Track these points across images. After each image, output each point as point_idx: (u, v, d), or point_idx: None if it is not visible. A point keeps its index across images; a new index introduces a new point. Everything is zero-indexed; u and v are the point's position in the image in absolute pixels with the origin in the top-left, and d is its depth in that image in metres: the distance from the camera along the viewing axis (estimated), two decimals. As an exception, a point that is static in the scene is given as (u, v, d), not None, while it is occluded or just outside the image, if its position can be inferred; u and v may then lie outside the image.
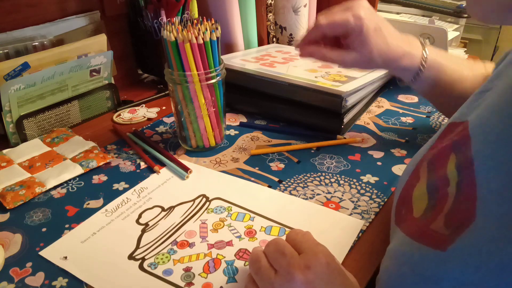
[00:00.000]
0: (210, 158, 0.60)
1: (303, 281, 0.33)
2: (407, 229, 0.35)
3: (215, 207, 0.50)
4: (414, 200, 0.37)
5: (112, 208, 0.51)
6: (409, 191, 0.39)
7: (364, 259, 0.43)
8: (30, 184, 0.53)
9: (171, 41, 0.53)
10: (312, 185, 0.54)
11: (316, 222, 0.48)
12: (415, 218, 0.35)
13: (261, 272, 0.35)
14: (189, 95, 0.57)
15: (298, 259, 0.34)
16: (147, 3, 0.78)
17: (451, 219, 0.31)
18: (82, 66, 0.68)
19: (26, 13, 0.67)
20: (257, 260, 0.36)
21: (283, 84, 0.68)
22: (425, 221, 0.33)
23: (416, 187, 0.38)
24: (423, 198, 0.36)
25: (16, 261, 0.43)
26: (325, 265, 0.34)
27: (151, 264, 0.42)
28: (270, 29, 0.99)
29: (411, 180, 0.39)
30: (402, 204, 0.39)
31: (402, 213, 0.38)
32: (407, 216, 0.37)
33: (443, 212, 0.32)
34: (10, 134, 0.64)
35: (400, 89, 0.82)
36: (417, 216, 0.35)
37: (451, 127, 0.38)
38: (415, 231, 0.33)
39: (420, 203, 0.36)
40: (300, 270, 0.33)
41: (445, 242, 0.30)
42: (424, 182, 0.37)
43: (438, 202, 0.33)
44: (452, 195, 0.32)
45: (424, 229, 0.32)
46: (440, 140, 0.39)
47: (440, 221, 0.31)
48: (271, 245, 0.37)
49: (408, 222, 0.36)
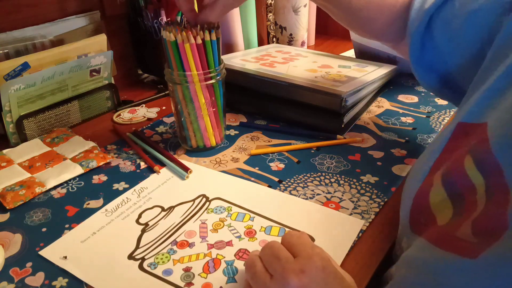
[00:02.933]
0: (210, 158, 0.60)
1: (298, 285, 0.32)
2: (430, 236, 0.34)
3: (215, 207, 0.50)
4: (434, 208, 0.36)
5: (112, 208, 0.51)
6: (424, 198, 0.37)
7: (364, 259, 0.43)
8: (30, 184, 0.53)
9: (171, 41, 0.53)
10: (312, 185, 0.54)
11: (316, 222, 0.48)
12: (440, 226, 0.34)
13: (256, 277, 0.35)
14: (189, 95, 0.57)
15: (293, 263, 0.34)
16: (147, 3, 0.78)
17: (479, 227, 0.29)
18: (82, 66, 0.68)
19: (26, 13, 0.67)
20: (252, 265, 0.36)
21: (283, 84, 0.68)
22: (449, 229, 0.32)
23: (431, 193, 0.36)
24: (447, 206, 0.34)
25: (16, 261, 0.43)
26: (321, 268, 0.34)
27: (151, 264, 0.42)
28: (270, 29, 0.99)
29: (425, 186, 0.38)
30: (419, 213, 0.38)
31: (421, 222, 0.37)
32: (430, 224, 0.35)
33: (470, 219, 0.30)
34: (10, 134, 0.64)
35: (400, 89, 0.82)
36: (442, 224, 0.34)
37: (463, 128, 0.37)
38: (438, 238, 0.32)
39: (443, 211, 0.34)
40: (295, 274, 0.33)
41: (474, 250, 0.28)
42: (441, 189, 0.35)
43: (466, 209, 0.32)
44: (482, 202, 0.30)
45: (449, 236, 0.31)
46: (452, 142, 0.37)
47: (467, 228, 0.30)
48: (266, 249, 0.36)
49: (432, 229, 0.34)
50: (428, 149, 0.42)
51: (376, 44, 0.85)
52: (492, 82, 0.36)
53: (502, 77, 0.35)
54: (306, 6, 1.00)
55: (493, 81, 0.36)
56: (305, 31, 1.03)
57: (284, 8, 0.99)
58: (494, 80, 0.36)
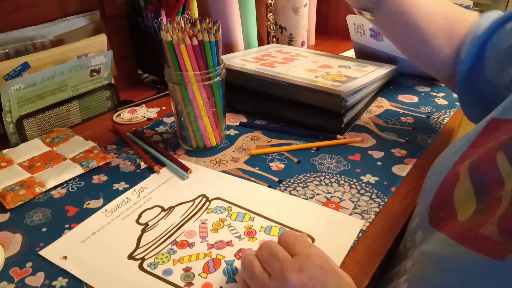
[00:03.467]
0: (210, 158, 0.60)
1: (298, 283, 0.33)
2: (451, 232, 0.33)
3: (215, 207, 0.50)
4: (457, 203, 0.35)
5: (112, 208, 0.51)
6: (448, 192, 0.37)
7: (364, 259, 0.43)
8: (30, 184, 0.53)
9: (168, 41, 0.53)
10: (312, 185, 0.54)
11: (316, 222, 0.48)
12: (460, 222, 0.33)
13: (255, 277, 0.35)
14: (188, 95, 0.57)
15: (292, 262, 0.34)
16: (147, 3, 0.78)
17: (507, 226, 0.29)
18: (82, 66, 0.68)
19: (26, 13, 0.67)
20: (250, 265, 0.36)
21: (283, 84, 0.68)
22: (471, 225, 0.31)
23: (457, 188, 0.36)
24: (470, 201, 0.34)
25: (16, 261, 0.43)
26: (319, 267, 0.34)
27: (151, 264, 0.42)
28: (270, 29, 0.99)
29: (449, 180, 0.37)
30: (440, 206, 0.37)
31: (441, 216, 0.36)
32: (450, 219, 0.35)
33: (495, 217, 0.30)
34: (10, 134, 0.64)
35: (400, 89, 0.82)
36: (462, 220, 0.33)
37: (495, 124, 0.36)
38: (459, 234, 0.32)
39: (466, 206, 0.34)
40: (294, 272, 0.33)
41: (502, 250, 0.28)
42: (468, 183, 0.35)
43: (489, 205, 0.31)
44: (507, 199, 0.30)
45: (472, 233, 0.31)
46: (481, 137, 0.37)
47: (492, 226, 0.29)
48: (264, 249, 0.37)
49: (452, 225, 0.34)
50: (455, 142, 0.41)
51: (376, 44, 0.85)
52: None
53: None
54: (306, 6, 1.00)
55: None
56: (305, 31, 1.03)
57: (284, 8, 0.99)
58: None
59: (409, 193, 0.53)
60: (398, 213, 0.49)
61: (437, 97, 0.78)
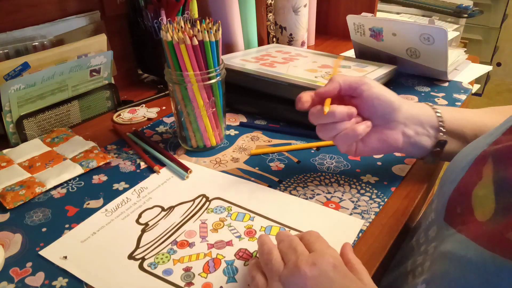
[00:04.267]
0: (210, 158, 0.60)
1: (308, 276, 0.34)
2: (471, 233, 0.33)
3: (215, 207, 0.50)
4: (476, 200, 0.35)
5: (112, 208, 0.51)
6: (468, 188, 0.36)
7: (364, 259, 0.43)
8: (30, 184, 0.53)
9: (168, 41, 0.53)
10: (312, 185, 0.54)
11: (316, 222, 0.48)
12: (479, 222, 0.33)
13: (271, 263, 0.37)
14: (188, 95, 0.57)
15: (307, 256, 0.36)
16: (147, 3, 0.78)
17: None
18: (82, 66, 0.68)
19: (26, 13, 0.67)
20: (269, 252, 0.38)
21: (283, 84, 0.68)
22: (496, 228, 0.31)
23: (478, 186, 0.35)
24: (489, 200, 0.33)
25: (16, 261, 0.43)
26: (332, 265, 0.35)
27: (151, 264, 0.42)
28: (270, 29, 0.99)
29: (471, 175, 0.37)
30: (457, 201, 0.37)
31: (457, 211, 0.36)
32: (467, 217, 0.34)
33: None
34: (10, 134, 0.64)
35: (400, 89, 0.82)
36: (482, 220, 0.33)
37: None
38: (484, 238, 0.31)
39: (485, 205, 0.33)
40: (307, 265, 0.34)
41: None
42: (490, 182, 0.34)
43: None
44: None
45: (498, 238, 0.30)
46: (506, 136, 0.36)
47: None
48: (286, 241, 0.38)
49: (471, 225, 0.34)
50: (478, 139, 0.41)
51: (376, 44, 0.85)
52: None
53: None
54: (306, 6, 1.00)
55: None
56: (305, 31, 1.03)
57: (284, 8, 0.99)
58: None
59: (409, 193, 0.53)
60: (398, 213, 0.49)
61: (437, 97, 0.78)
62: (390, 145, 0.50)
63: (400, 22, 0.80)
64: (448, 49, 0.77)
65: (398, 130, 0.49)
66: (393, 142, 0.50)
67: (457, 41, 1.09)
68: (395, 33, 0.80)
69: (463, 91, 0.81)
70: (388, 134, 0.49)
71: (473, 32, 2.60)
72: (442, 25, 1.07)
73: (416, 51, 0.80)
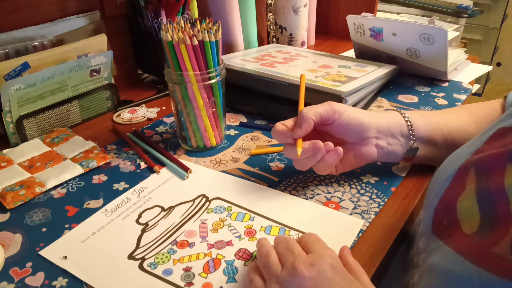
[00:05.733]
0: (210, 158, 0.60)
1: (306, 277, 0.34)
2: (457, 246, 0.33)
3: (215, 207, 0.50)
4: (461, 213, 0.35)
5: (112, 208, 0.51)
6: (452, 199, 0.36)
7: (364, 259, 0.43)
8: (30, 184, 0.53)
9: (168, 41, 0.53)
10: (312, 185, 0.54)
11: (316, 222, 0.48)
12: (466, 235, 0.33)
13: (269, 266, 0.37)
14: (188, 95, 0.57)
15: (305, 257, 0.36)
16: (147, 3, 0.78)
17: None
18: (82, 66, 0.68)
19: (26, 13, 0.67)
20: (267, 254, 0.38)
21: (283, 84, 0.68)
22: (482, 242, 0.31)
23: (462, 197, 0.35)
24: (474, 212, 0.33)
25: (16, 261, 0.43)
26: (330, 266, 0.35)
27: (151, 264, 0.42)
28: (270, 29, 0.99)
29: (454, 186, 0.37)
30: (443, 213, 0.37)
31: (443, 224, 0.36)
32: (454, 230, 0.34)
33: (509, 236, 0.29)
34: (10, 134, 0.64)
35: (400, 89, 0.82)
36: (469, 233, 0.33)
37: (504, 132, 0.36)
38: (470, 252, 0.31)
39: (470, 217, 0.33)
40: (304, 266, 0.34)
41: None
42: (473, 193, 0.34)
43: (498, 220, 0.31)
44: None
45: (483, 252, 0.30)
46: (488, 144, 0.36)
47: (505, 246, 0.29)
48: (282, 243, 0.38)
49: (457, 237, 0.34)
50: (460, 148, 0.41)
51: (376, 44, 0.85)
52: None
53: None
54: (306, 6, 1.00)
55: None
56: (305, 31, 1.03)
57: (284, 8, 0.99)
58: None
59: (409, 193, 0.53)
60: (398, 213, 0.49)
61: (437, 97, 0.78)
62: (366, 158, 0.52)
63: (400, 22, 0.80)
64: (448, 49, 0.77)
65: (371, 145, 0.52)
66: (369, 156, 0.52)
67: (457, 41, 1.09)
68: (395, 33, 0.80)
69: (463, 91, 0.81)
70: (363, 150, 0.52)
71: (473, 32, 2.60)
72: (442, 25, 1.07)
73: (416, 51, 0.80)
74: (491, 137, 0.37)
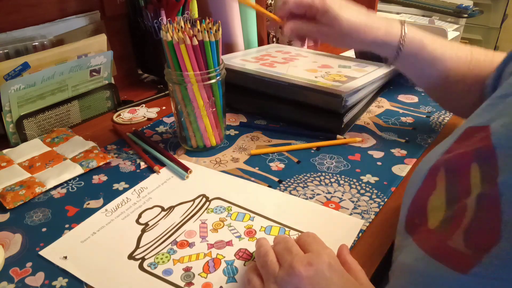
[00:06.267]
0: (210, 158, 0.60)
1: (303, 276, 0.34)
2: (423, 243, 0.33)
3: (215, 207, 0.50)
4: (430, 210, 0.35)
5: (112, 208, 0.51)
6: (423, 198, 0.37)
7: (364, 259, 0.43)
8: (30, 184, 0.53)
9: (168, 41, 0.53)
10: (312, 185, 0.54)
11: (316, 222, 0.48)
12: (430, 230, 0.34)
13: (267, 265, 0.37)
14: (188, 95, 0.57)
15: (302, 257, 0.36)
16: (147, 3, 0.78)
17: (472, 238, 0.29)
18: (82, 66, 0.68)
19: (26, 13, 0.67)
20: (265, 254, 0.38)
21: (283, 84, 0.68)
22: (441, 236, 0.32)
23: (433, 196, 0.36)
24: (441, 209, 0.34)
25: (16, 261, 0.43)
26: (327, 264, 0.35)
27: (151, 264, 0.42)
28: (270, 29, 0.99)
29: (426, 186, 0.38)
30: (415, 212, 0.38)
31: (415, 222, 0.37)
32: (422, 226, 0.35)
33: (461, 227, 0.30)
34: (10, 134, 0.64)
35: (400, 89, 0.82)
36: (432, 228, 0.34)
37: (470, 132, 0.37)
38: (431, 246, 0.32)
39: (437, 214, 0.34)
40: (302, 265, 0.34)
41: (466, 264, 0.28)
42: (443, 192, 0.35)
43: (455, 214, 0.31)
44: (472, 208, 0.30)
45: (441, 245, 0.31)
46: (457, 144, 0.37)
47: (459, 238, 0.29)
48: (281, 243, 0.38)
49: (423, 234, 0.34)
50: (434, 149, 0.42)
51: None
52: (500, 89, 0.37)
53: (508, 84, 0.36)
54: (306, 6, 1.00)
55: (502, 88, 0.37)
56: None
57: (284, 8, 0.98)
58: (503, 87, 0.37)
59: (409, 193, 0.53)
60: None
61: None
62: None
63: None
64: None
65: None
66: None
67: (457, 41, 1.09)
68: (395, 33, 0.80)
69: (463, 91, 0.80)
70: None
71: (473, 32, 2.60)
72: (442, 25, 1.07)
73: (416, 51, 0.80)
74: (460, 137, 0.38)
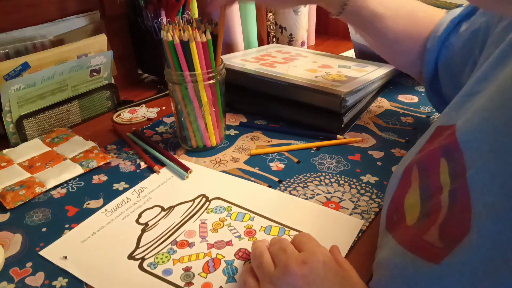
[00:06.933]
0: (210, 158, 0.60)
1: (298, 274, 0.34)
2: (400, 237, 0.34)
3: (215, 207, 0.50)
4: (407, 208, 0.36)
5: (112, 208, 0.51)
6: (400, 197, 0.38)
7: (364, 259, 0.43)
8: (30, 184, 0.53)
9: (168, 41, 0.53)
10: (312, 185, 0.54)
11: (316, 222, 0.48)
12: (408, 227, 0.35)
13: (262, 266, 0.37)
14: (188, 95, 0.57)
15: (297, 256, 0.36)
16: (147, 3, 0.78)
17: (446, 232, 0.30)
18: (82, 66, 0.68)
19: (26, 13, 0.67)
20: (260, 255, 0.38)
21: (283, 84, 0.68)
22: (418, 231, 0.33)
23: (408, 194, 0.37)
24: (416, 205, 0.35)
25: (16, 261, 0.43)
26: (322, 263, 0.35)
27: (151, 264, 0.42)
28: (270, 29, 0.99)
29: (402, 185, 0.39)
30: (393, 210, 0.39)
31: (393, 220, 0.38)
32: (400, 224, 0.36)
33: (437, 223, 0.31)
34: (10, 134, 0.64)
35: (400, 89, 0.82)
36: (410, 224, 0.35)
37: (440, 131, 0.38)
38: (407, 240, 0.33)
39: (413, 211, 0.35)
40: (296, 264, 0.34)
41: (439, 255, 0.29)
42: (417, 189, 0.36)
43: (431, 210, 0.32)
44: (445, 204, 0.31)
45: (417, 239, 0.32)
46: (429, 143, 0.38)
47: (434, 233, 0.30)
48: (276, 243, 0.39)
49: (401, 230, 0.35)
50: (408, 152, 0.43)
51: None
52: (465, 87, 0.38)
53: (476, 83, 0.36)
54: (306, 6, 1.00)
55: (466, 86, 0.38)
56: (305, 31, 1.03)
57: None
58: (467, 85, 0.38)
59: (409, 193, 0.53)
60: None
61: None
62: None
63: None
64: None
65: None
66: None
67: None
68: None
69: (463, 91, 0.80)
70: None
71: (473, 32, 2.60)
72: (442, 25, 1.07)
73: (416, 51, 0.80)
74: (432, 136, 0.39)
